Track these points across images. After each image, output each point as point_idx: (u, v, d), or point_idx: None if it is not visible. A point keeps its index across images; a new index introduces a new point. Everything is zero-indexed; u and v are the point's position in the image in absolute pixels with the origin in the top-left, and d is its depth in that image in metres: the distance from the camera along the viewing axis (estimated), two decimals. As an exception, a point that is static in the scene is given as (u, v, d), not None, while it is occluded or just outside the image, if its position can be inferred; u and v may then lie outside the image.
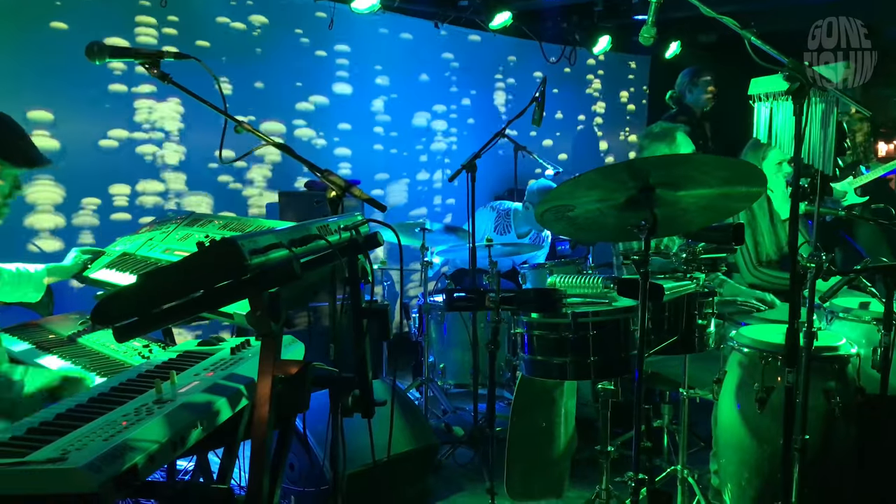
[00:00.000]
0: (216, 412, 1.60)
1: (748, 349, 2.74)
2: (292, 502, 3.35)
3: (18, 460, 1.25)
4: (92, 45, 2.05)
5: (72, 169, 4.50)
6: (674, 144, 3.61)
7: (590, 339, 2.40)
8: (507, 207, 5.34)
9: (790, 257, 2.08)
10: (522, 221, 5.25)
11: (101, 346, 2.57)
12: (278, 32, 5.53)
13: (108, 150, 4.74)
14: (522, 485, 3.13)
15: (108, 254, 3.03)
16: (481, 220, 5.22)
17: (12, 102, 4.12)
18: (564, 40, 7.24)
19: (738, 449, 2.78)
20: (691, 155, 2.95)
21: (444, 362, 4.42)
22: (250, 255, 1.34)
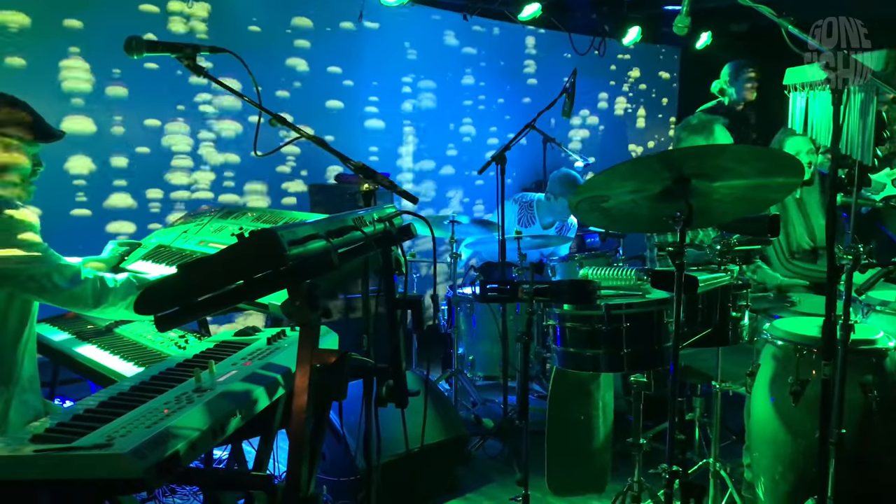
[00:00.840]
0: (254, 401, 1.63)
1: (782, 342, 2.71)
2: (324, 492, 3.39)
3: (66, 446, 1.28)
4: (130, 39, 2.08)
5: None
6: (711, 136, 3.57)
7: (623, 332, 2.39)
8: (530, 199, 5.30)
9: (827, 249, 2.05)
10: (546, 212, 5.22)
11: (137, 336, 2.62)
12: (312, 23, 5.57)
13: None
14: (564, 479, 3.12)
15: (144, 246, 3.08)
16: (505, 213, 5.20)
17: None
18: (594, 31, 7.18)
19: (772, 443, 2.76)
20: (726, 146, 2.92)
21: (474, 354, 4.43)
22: (289, 245, 1.36)
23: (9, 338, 2.25)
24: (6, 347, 2.25)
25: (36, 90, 4.25)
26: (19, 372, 2.29)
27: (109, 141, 4.76)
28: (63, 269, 2.25)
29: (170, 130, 4.99)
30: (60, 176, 4.59)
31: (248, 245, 1.36)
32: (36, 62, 4.45)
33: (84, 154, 4.67)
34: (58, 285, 2.23)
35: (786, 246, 3.75)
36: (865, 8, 2.43)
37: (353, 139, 5.89)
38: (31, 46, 4.41)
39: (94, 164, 4.71)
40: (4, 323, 2.24)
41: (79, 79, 4.61)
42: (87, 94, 4.64)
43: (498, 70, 6.84)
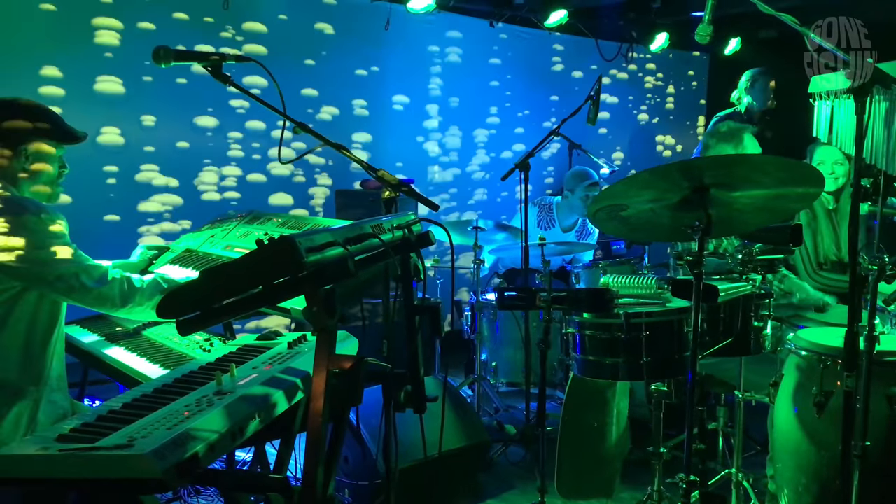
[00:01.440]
0: (273, 404, 1.65)
1: (806, 352, 2.68)
2: (346, 495, 3.42)
3: (89, 446, 1.32)
4: (158, 49, 2.13)
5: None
6: (741, 146, 3.54)
7: (643, 340, 2.39)
8: (549, 201, 5.29)
9: (850, 259, 2.03)
10: (566, 212, 5.20)
11: (164, 339, 2.67)
12: (336, 32, 5.63)
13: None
14: (573, 484, 3.13)
15: (172, 250, 3.14)
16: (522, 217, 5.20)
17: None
18: (621, 37, 7.17)
19: (795, 454, 2.73)
20: (746, 155, 2.90)
21: (497, 360, 4.43)
22: (307, 252, 1.39)
23: (38, 338, 2.31)
24: (35, 348, 2.30)
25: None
26: (48, 372, 2.35)
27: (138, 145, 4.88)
28: (91, 269, 2.30)
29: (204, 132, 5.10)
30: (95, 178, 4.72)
31: (266, 251, 1.39)
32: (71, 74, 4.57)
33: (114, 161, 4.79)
34: (85, 285, 2.27)
35: (814, 257, 3.71)
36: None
37: (379, 145, 5.94)
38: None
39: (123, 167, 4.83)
40: (34, 324, 2.29)
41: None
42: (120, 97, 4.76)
43: (524, 77, 6.85)
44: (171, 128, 5.01)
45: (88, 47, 4.66)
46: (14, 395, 2.24)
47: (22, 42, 4.44)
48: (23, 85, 4.39)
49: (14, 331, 2.24)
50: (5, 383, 2.23)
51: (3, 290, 2.21)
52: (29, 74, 4.45)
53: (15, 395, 2.24)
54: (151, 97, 4.88)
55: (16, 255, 2.18)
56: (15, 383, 2.24)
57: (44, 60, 4.51)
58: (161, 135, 4.97)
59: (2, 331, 2.22)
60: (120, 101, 4.79)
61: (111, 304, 2.35)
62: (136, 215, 4.92)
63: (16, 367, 2.25)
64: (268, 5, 5.31)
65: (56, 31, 4.55)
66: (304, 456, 1.38)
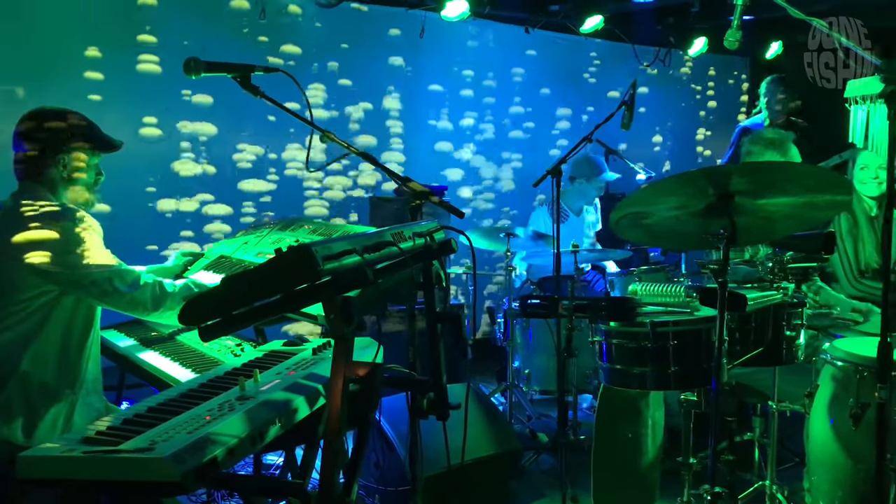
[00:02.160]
0: (294, 410, 1.67)
1: (842, 363, 2.62)
2: (377, 500, 3.44)
3: (111, 448, 1.36)
4: (188, 60, 2.18)
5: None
6: (788, 154, 3.48)
7: (670, 349, 2.36)
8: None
9: (884, 266, 1.98)
10: (575, 197, 5.23)
11: (197, 344, 2.72)
12: (369, 39, 5.70)
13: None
14: (610, 495, 3.08)
15: (206, 256, 3.20)
16: (539, 219, 5.19)
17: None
18: (658, 42, 7.10)
19: (831, 466, 2.67)
20: (772, 163, 2.85)
21: (529, 368, 4.41)
22: (323, 260, 1.41)
23: (75, 342, 2.37)
24: (72, 351, 2.36)
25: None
26: (84, 375, 2.41)
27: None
28: (124, 274, 2.36)
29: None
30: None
31: (284, 259, 1.42)
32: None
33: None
34: (119, 290, 2.33)
35: (854, 264, 3.61)
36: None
37: (414, 152, 5.99)
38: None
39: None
40: (71, 328, 2.35)
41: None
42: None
43: (560, 83, 6.83)
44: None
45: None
46: (51, 397, 2.30)
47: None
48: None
49: (51, 334, 2.30)
50: (43, 386, 2.29)
51: (40, 294, 2.27)
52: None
53: (52, 397, 2.30)
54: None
55: (52, 258, 2.24)
56: (52, 386, 2.30)
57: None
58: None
59: (40, 334, 2.28)
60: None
61: (143, 308, 2.41)
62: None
63: (53, 370, 2.31)
64: (304, 15, 5.39)
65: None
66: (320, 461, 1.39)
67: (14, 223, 2.27)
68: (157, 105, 4.87)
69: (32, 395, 2.27)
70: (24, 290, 2.25)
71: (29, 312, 2.27)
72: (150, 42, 4.82)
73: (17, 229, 2.26)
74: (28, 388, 2.26)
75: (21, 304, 2.25)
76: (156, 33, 4.82)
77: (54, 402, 2.31)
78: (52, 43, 4.52)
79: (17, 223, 2.27)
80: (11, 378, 2.24)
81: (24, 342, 2.26)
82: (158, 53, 4.82)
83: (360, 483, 3.45)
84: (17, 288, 2.25)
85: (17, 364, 2.24)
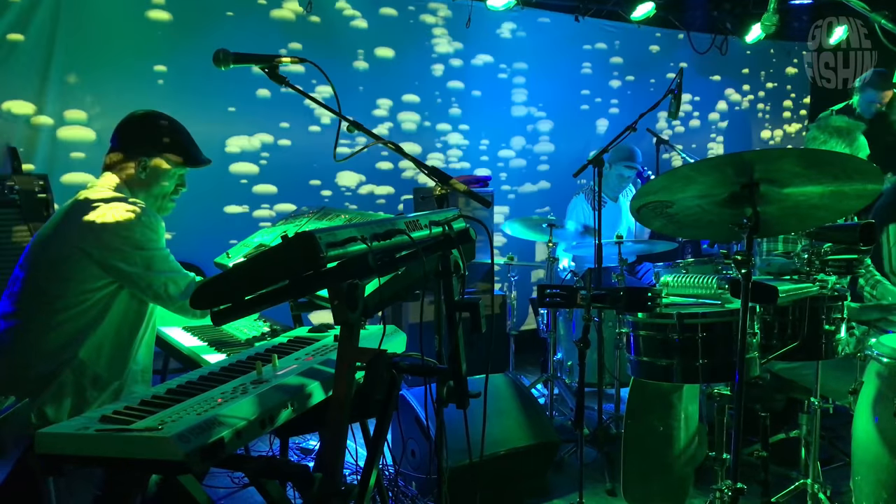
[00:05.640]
0: (308, 395, 1.70)
1: (888, 359, 2.52)
2: (413, 487, 3.47)
3: (123, 427, 1.40)
4: (218, 52, 2.23)
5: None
6: (855, 144, 3.34)
7: (698, 341, 2.30)
8: (591, 184, 5.21)
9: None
10: (611, 186, 5.18)
11: (234, 329, 2.79)
12: (413, 32, 5.71)
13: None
14: (640, 489, 3.05)
15: (246, 244, 3.26)
16: (578, 208, 5.12)
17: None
18: (714, 29, 6.91)
19: (875, 467, 2.57)
20: (794, 149, 2.73)
21: (572, 360, 4.38)
22: (327, 248, 1.42)
23: (130, 334, 2.43)
24: (126, 343, 2.42)
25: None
26: (133, 365, 2.46)
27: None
28: (179, 280, 2.40)
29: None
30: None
31: (290, 246, 1.44)
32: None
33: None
34: (171, 295, 2.38)
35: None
36: None
37: (465, 145, 5.99)
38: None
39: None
40: (127, 321, 2.41)
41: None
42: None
43: (611, 71, 6.72)
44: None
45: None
46: (101, 385, 2.36)
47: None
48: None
49: (109, 327, 2.37)
50: (96, 375, 2.35)
51: (101, 287, 2.33)
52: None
53: (102, 385, 2.36)
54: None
55: (114, 253, 2.30)
56: (104, 375, 2.36)
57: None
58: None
59: (98, 326, 2.34)
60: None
61: (192, 315, 2.46)
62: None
63: (106, 360, 2.37)
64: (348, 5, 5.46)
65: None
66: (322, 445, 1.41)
67: (84, 214, 2.34)
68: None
69: (85, 383, 2.33)
70: (86, 281, 2.31)
71: (90, 304, 2.32)
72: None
73: (87, 220, 2.32)
74: (82, 376, 2.32)
75: (82, 294, 2.31)
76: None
77: (103, 389, 2.36)
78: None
79: (87, 214, 2.33)
80: (68, 366, 2.29)
81: (83, 334, 2.32)
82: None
83: (397, 470, 3.50)
84: (79, 278, 2.31)
85: (76, 353, 2.30)
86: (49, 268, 2.34)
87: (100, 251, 2.30)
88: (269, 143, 5.22)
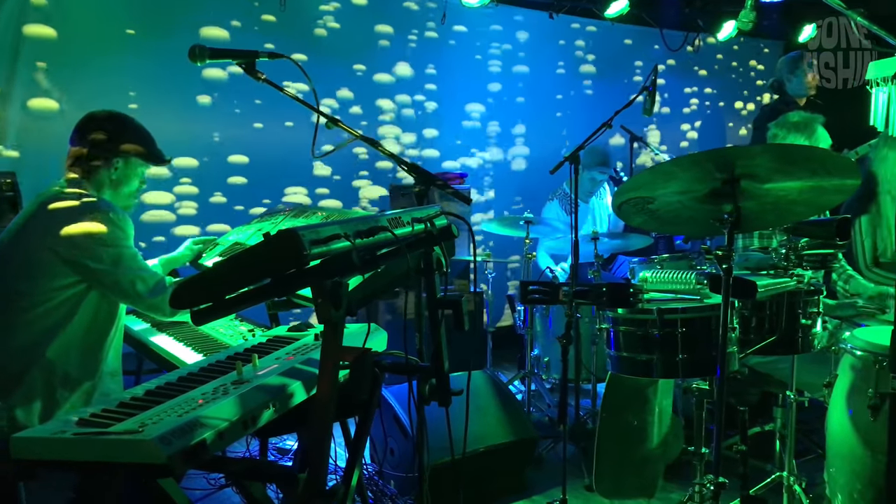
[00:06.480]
0: (290, 395, 1.68)
1: (862, 352, 2.55)
2: (392, 486, 3.45)
3: (101, 430, 1.37)
4: (194, 47, 2.19)
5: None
6: (814, 136, 3.39)
7: (678, 337, 2.31)
8: (563, 188, 5.23)
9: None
10: (583, 188, 5.16)
11: (210, 329, 2.75)
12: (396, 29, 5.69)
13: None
14: (612, 482, 3.06)
15: (220, 243, 3.22)
16: (553, 213, 5.13)
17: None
18: (687, 27, 6.97)
19: (850, 458, 2.61)
20: (774, 145, 2.77)
21: (549, 356, 4.39)
22: (310, 245, 1.40)
23: (99, 335, 2.41)
24: (95, 343, 2.40)
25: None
26: (104, 366, 2.44)
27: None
28: (148, 278, 2.38)
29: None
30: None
31: (272, 244, 1.42)
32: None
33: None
34: (140, 293, 2.36)
35: (870, 252, 3.52)
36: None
37: (443, 140, 5.98)
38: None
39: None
40: (96, 321, 2.39)
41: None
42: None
43: (585, 69, 6.75)
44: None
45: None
46: (71, 386, 2.33)
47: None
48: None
49: (77, 327, 2.34)
50: (65, 375, 2.32)
51: (69, 286, 2.31)
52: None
53: (71, 386, 2.34)
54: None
55: (81, 250, 2.28)
56: (73, 375, 2.34)
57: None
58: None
59: (66, 326, 2.32)
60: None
61: (161, 313, 2.43)
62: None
63: (76, 361, 2.35)
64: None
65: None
66: (305, 445, 1.39)
67: (52, 212, 2.32)
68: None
69: (54, 383, 2.30)
70: (54, 279, 2.29)
71: (57, 303, 2.30)
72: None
73: (55, 218, 2.31)
74: (51, 376, 2.30)
75: (50, 292, 2.29)
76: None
77: (73, 390, 2.34)
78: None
79: (55, 212, 2.32)
80: (36, 366, 2.27)
81: (51, 333, 2.30)
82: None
83: (376, 469, 3.49)
84: (47, 275, 2.29)
85: (43, 353, 2.28)
86: (16, 266, 2.31)
87: (67, 248, 2.28)
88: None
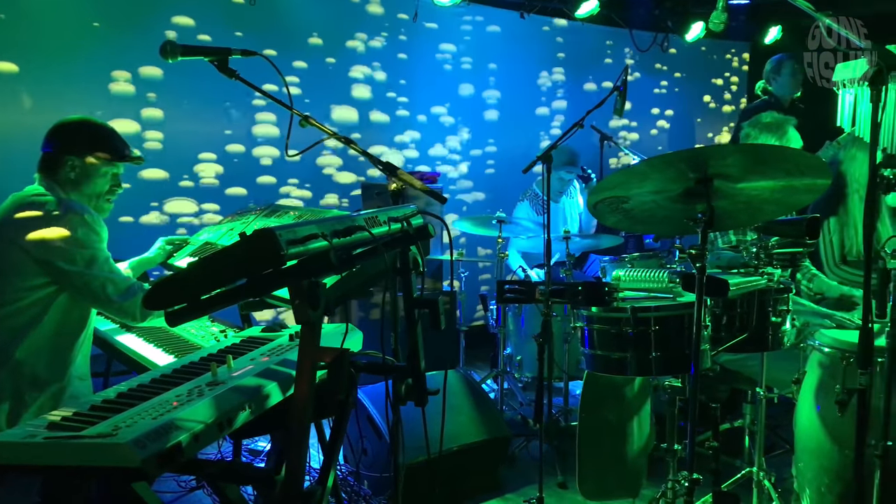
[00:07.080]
0: (265, 396, 1.66)
1: (829, 349, 2.60)
2: (365, 486, 3.44)
3: (73, 434, 1.35)
4: (165, 44, 2.17)
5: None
6: (785, 137, 3.44)
7: (651, 335, 2.34)
8: (534, 188, 5.26)
9: (864, 252, 1.96)
10: (553, 188, 5.13)
11: (180, 329, 2.71)
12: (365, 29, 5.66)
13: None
14: (596, 483, 3.07)
15: (192, 243, 3.18)
16: (523, 214, 5.16)
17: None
18: (656, 27, 7.04)
19: (818, 453, 2.66)
20: (748, 145, 2.81)
21: (522, 355, 4.40)
22: (287, 245, 1.38)
23: (69, 337, 2.39)
24: (65, 346, 2.38)
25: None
26: (73, 369, 2.42)
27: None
28: (119, 282, 2.36)
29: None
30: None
31: (248, 244, 1.40)
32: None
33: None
34: (110, 297, 2.34)
35: (838, 251, 3.58)
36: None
37: (417, 141, 5.97)
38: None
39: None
40: (66, 323, 2.37)
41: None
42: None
43: (556, 69, 6.78)
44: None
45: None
46: (39, 387, 2.32)
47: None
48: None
49: (47, 328, 2.32)
50: (34, 377, 2.31)
51: (39, 287, 2.29)
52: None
53: (40, 387, 2.32)
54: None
55: (52, 250, 2.27)
56: (42, 377, 2.32)
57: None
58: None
59: (36, 327, 2.30)
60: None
61: (131, 318, 2.41)
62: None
63: (44, 362, 2.33)
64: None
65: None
66: (281, 446, 1.38)
67: (23, 213, 2.33)
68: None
69: (22, 385, 2.29)
70: (24, 279, 2.28)
71: (27, 304, 2.29)
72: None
73: (28, 218, 2.31)
74: (19, 377, 2.28)
75: (21, 292, 2.28)
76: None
77: (41, 392, 2.33)
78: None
79: (28, 212, 2.32)
80: (3, 366, 2.26)
81: (20, 333, 2.28)
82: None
83: (350, 469, 3.47)
84: (18, 274, 2.28)
85: (12, 354, 2.26)
86: None
87: (39, 249, 2.26)
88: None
